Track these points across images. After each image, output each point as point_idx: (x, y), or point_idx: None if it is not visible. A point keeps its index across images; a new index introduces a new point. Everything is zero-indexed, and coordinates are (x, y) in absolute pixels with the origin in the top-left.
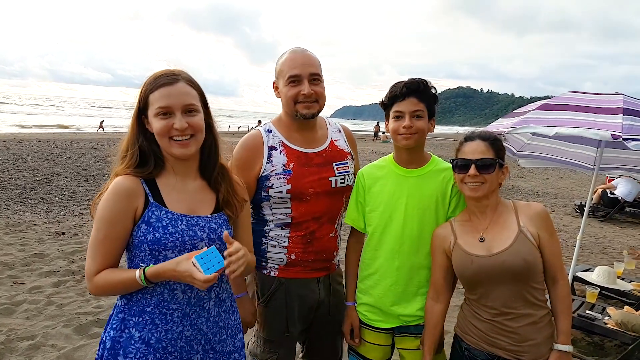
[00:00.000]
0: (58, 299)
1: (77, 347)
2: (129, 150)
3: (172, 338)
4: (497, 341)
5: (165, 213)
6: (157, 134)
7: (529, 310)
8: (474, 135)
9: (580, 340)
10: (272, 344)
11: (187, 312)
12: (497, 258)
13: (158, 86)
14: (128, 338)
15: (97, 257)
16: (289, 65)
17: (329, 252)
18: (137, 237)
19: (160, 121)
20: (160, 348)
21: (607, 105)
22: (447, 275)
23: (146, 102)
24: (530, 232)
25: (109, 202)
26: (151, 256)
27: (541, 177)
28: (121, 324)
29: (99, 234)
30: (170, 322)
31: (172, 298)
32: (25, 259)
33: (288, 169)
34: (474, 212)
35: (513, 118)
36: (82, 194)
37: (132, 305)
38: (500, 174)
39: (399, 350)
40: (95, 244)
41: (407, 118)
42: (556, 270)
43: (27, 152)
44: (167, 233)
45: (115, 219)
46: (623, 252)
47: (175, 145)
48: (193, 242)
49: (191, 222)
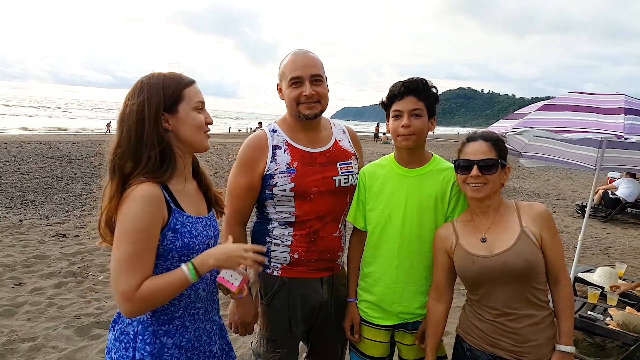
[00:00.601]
0: (59, 300)
1: (78, 348)
2: (144, 152)
3: (199, 335)
4: (499, 342)
5: (187, 218)
6: (197, 127)
7: (531, 311)
8: (476, 135)
9: (582, 341)
10: (275, 344)
11: (207, 308)
12: (498, 258)
13: (192, 82)
14: (160, 347)
15: (138, 272)
16: (290, 68)
17: (332, 252)
18: (163, 246)
19: (199, 115)
20: (190, 347)
21: (608, 106)
22: (448, 275)
23: (179, 97)
24: (533, 232)
25: (144, 212)
26: (179, 262)
27: (542, 177)
28: (152, 337)
29: (137, 247)
30: (198, 321)
31: (197, 297)
32: (26, 260)
33: (292, 168)
34: (476, 212)
35: (514, 119)
36: (83, 195)
37: (159, 315)
38: (503, 175)
39: (396, 342)
40: (134, 258)
41: (405, 117)
42: (558, 271)
43: (28, 154)
44: (193, 237)
45: (153, 229)
46: (605, 288)
47: (206, 138)
48: (208, 242)
49: (203, 222)
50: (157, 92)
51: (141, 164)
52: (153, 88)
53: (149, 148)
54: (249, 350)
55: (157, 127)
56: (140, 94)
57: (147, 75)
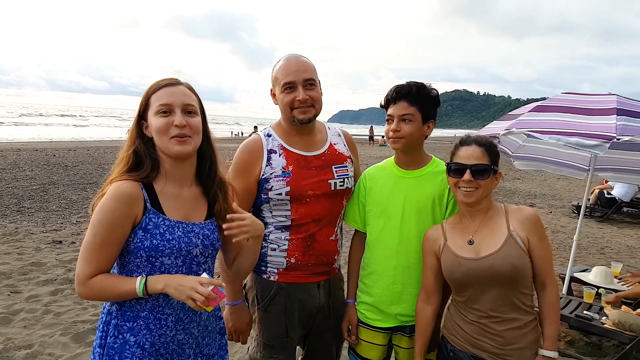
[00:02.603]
0: (55, 307)
1: (75, 355)
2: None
3: (165, 342)
4: (482, 343)
5: (163, 220)
6: (156, 132)
7: (515, 315)
8: (469, 139)
9: (578, 340)
10: (272, 349)
11: (181, 317)
12: (485, 262)
13: (160, 87)
14: (123, 343)
15: (93, 262)
16: (283, 73)
17: (329, 256)
18: (133, 243)
19: (160, 119)
20: (153, 351)
21: (600, 107)
22: (437, 277)
23: (147, 104)
24: (520, 236)
25: (109, 206)
26: (147, 262)
27: (538, 178)
28: (114, 330)
29: (96, 238)
30: (164, 327)
31: (167, 303)
32: (22, 267)
33: (287, 171)
34: (465, 214)
35: (507, 121)
36: (79, 202)
37: (125, 311)
38: (494, 180)
39: (393, 345)
40: (92, 247)
41: (395, 122)
42: (545, 275)
43: (24, 161)
44: (165, 240)
45: (116, 224)
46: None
47: (174, 142)
48: (188, 249)
49: (187, 228)
50: (141, 101)
51: (121, 164)
52: (142, 97)
53: (126, 149)
54: (246, 355)
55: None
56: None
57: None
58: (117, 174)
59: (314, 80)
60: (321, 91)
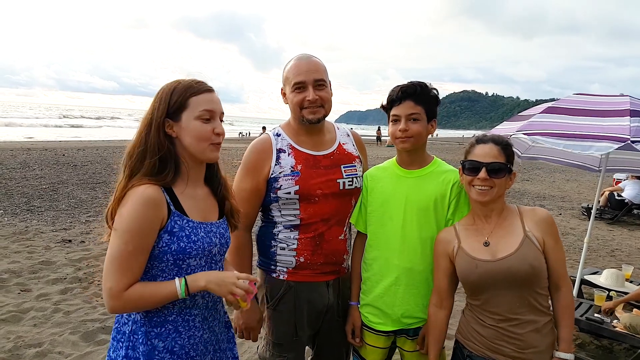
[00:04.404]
0: (65, 306)
1: (84, 354)
2: (147, 158)
3: (194, 343)
4: (501, 348)
5: (187, 222)
6: (195, 137)
7: (534, 317)
8: (486, 138)
9: (589, 343)
10: (281, 348)
11: (206, 316)
12: (502, 263)
13: (202, 91)
14: (151, 349)
15: (127, 272)
16: (293, 73)
17: (338, 255)
18: (158, 248)
19: (204, 125)
20: (183, 354)
21: (613, 108)
22: (450, 280)
23: (183, 105)
24: (536, 237)
25: (138, 212)
26: (174, 265)
27: (548, 180)
28: (144, 338)
29: (129, 247)
30: (192, 328)
31: (194, 304)
32: (32, 266)
33: (296, 171)
34: (479, 215)
35: (518, 122)
36: (88, 201)
37: (152, 317)
38: (509, 180)
39: (398, 348)
40: (125, 257)
41: (403, 121)
42: (559, 277)
43: (34, 161)
44: (191, 242)
45: (147, 230)
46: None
47: (212, 149)
48: (210, 248)
49: (207, 228)
50: (165, 99)
51: (144, 166)
52: (164, 94)
53: (151, 154)
54: (255, 354)
55: (159, 133)
56: (155, 100)
57: (168, 82)
58: (139, 179)
59: (324, 81)
60: (331, 92)
